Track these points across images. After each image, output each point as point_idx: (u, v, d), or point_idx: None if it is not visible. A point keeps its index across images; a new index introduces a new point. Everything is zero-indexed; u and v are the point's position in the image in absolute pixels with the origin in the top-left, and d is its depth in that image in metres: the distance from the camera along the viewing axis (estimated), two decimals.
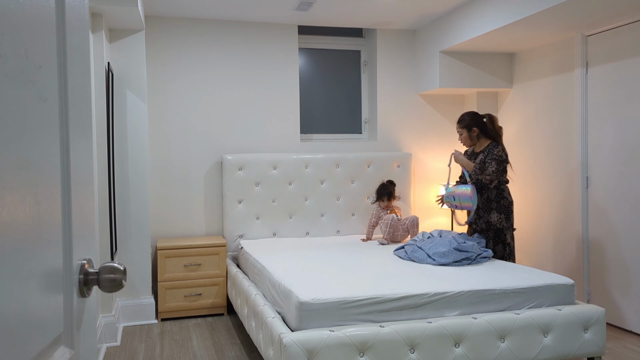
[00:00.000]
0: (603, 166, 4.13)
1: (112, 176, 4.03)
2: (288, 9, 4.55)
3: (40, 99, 0.79)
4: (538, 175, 4.79)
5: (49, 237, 0.82)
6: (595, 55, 4.18)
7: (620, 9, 3.59)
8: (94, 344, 1.10)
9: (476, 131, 3.86)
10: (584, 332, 2.96)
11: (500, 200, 3.76)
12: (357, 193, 5.05)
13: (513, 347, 2.81)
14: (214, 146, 4.87)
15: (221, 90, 4.88)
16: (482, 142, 3.89)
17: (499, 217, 3.74)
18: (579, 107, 4.31)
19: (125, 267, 1.05)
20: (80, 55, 1.03)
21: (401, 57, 5.32)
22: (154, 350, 3.71)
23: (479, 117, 3.89)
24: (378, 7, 4.51)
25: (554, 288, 3.04)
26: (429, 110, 5.40)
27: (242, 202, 4.78)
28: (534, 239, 4.84)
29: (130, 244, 4.27)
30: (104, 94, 3.74)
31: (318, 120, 5.35)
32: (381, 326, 2.65)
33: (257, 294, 3.37)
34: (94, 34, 3.69)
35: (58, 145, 0.88)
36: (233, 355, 3.60)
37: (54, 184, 0.85)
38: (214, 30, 4.85)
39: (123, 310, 4.26)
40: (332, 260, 3.65)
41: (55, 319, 0.84)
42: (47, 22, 0.83)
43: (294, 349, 2.48)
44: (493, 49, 4.86)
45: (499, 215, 3.75)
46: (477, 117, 3.88)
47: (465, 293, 2.88)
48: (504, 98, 5.23)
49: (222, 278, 4.47)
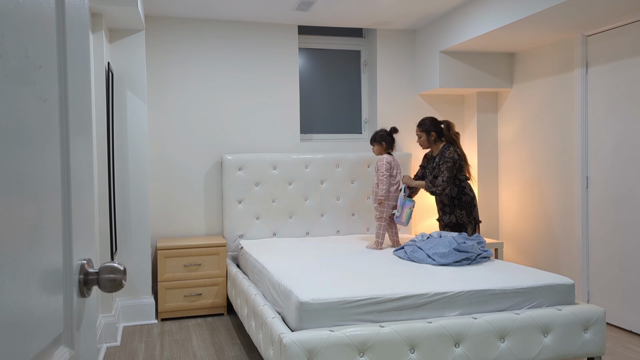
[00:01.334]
0: (603, 166, 4.13)
1: (112, 176, 4.03)
2: (288, 9, 4.55)
3: (40, 99, 0.79)
4: (538, 175, 4.79)
5: (49, 237, 0.82)
6: (595, 55, 4.18)
7: (620, 9, 3.59)
8: (94, 344, 1.10)
9: (434, 135, 4.19)
10: (584, 332, 2.96)
11: (461, 197, 4.07)
12: (357, 193, 5.05)
13: (513, 347, 2.81)
14: (214, 146, 4.87)
15: (221, 90, 4.88)
16: (438, 146, 4.20)
17: (461, 212, 4.07)
18: (579, 107, 4.31)
19: (125, 267, 1.05)
20: (80, 55, 1.03)
21: (401, 57, 5.32)
22: (154, 350, 3.71)
23: (437, 122, 4.21)
24: (378, 7, 4.51)
25: (553, 288, 3.04)
26: (429, 110, 5.40)
27: (242, 202, 4.78)
28: (534, 238, 4.84)
29: (130, 244, 4.27)
30: (104, 94, 3.74)
31: (318, 120, 5.35)
32: (381, 326, 2.65)
33: (257, 294, 3.37)
34: (94, 34, 3.69)
35: (58, 145, 0.88)
36: (233, 355, 3.60)
37: (54, 184, 0.85)
38: (214, 30, 4.85)
39: (123, 310, 4.26)
40: (332, 260, 3.65)
41: (55, 319, 0.84)
42: (47, 22, 0.83)
43: (294, 349, 2.48)
44: (493, 49, 4.86)
45: (461, 211, 4.07)
46: (435, 122, 4.21)
47: (465, 293, 2.88)
48: (504, 98, 5.23)
49: (222, 278, 4.47)
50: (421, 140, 4.23)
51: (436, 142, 4.19)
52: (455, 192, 4.07)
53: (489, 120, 5.29)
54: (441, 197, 4.14)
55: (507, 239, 5.21)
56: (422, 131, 4.20)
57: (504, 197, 5.25)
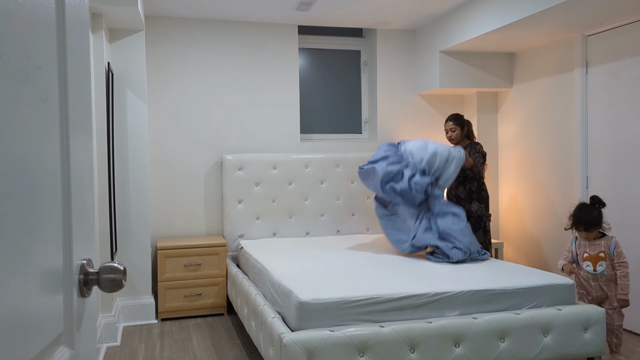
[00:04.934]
0: (603, 166, 4.13)
1: (112, 176, 4.03)
2: (288, 9, 4.55)
3: (40, 99, 0.79)
4: (538, 175, 4.79)
5: (49, 236, 0.82)
6: (595, 55, 4.18)
7: (620, 9, 3.59)
8: (94, 343, 1.10)
9: (466, 130, 4.31)
10: (584, 332, 2.96)
11: (480, 192, 4.21)
12: (357, 193, 5.05)
13: (513, 347, 2.81)
14: (214, 146, 4.87)
15: (221, 90, 4.88)
16: (464, 143, 4.32)
17: (480, 206, 4.20)
18: (579, 107, 4.31)
19: (125, 267, 1.05)
20: (80, 55, 1.03)
21: (401, 57, 5.32)
22: (154, 350, 3.71)
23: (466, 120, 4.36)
24: (378, 7, 4.51)
25: (554, 288, 3.04)
26: (429, 110, 5.40)
27: (242, 202, 4.78)
28: (534, 238, 4.84)
29: (130, 244, 4.27)
30: (104, 94, 3.74)
31: (318, 120, 5.35)
32: (381, 326, 2.65)
33: (257, 294, 3.37)
34: (94, 34, 3.69)
35: (58, 145, 0.88)
36: (233, 355, 3.60)
37: (54, 184, 0.85)
38: (214, 30, 4.85)
39: (123, 310, 4.26)
40: (332, 260, 3.65)
41: (55, 319, 0.84)
42: (47, 22, 0.83)
43: (294, 349, 2.48)
44: (493, 49, 4.86)
45: (480, 204, 4.20)
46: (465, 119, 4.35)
47: (465, 293, 2.88)
48: (504, 98, 5.23)
49: (222, 278, 4.47)
50: (455, 134, 4.26)
51: (463, 139, 4.31)
52: (475, 187, 4.20)
53: (489, 120, 5.29)
54: (457, 191, 4.24)
55: (507, 239, 5.20)
56: (457, 125, 4.25)
57: (504, 196, 5.25)
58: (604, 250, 3.24)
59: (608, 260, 3.23)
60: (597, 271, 3.25)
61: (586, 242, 3.31)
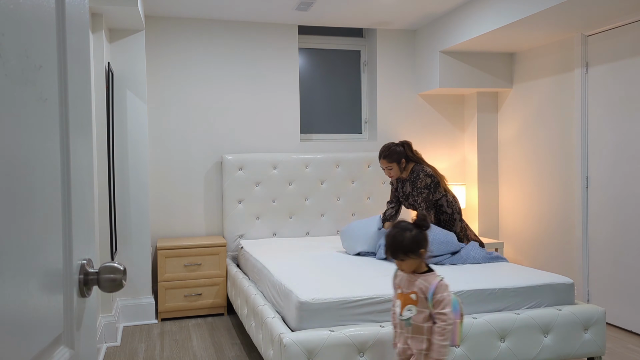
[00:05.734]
0: (603, 166, 4.13)
1: (112, 176, 4.03)
2: (288, 9, 4.56)
3: (40, 99, 0.79)
4: (538, 175, 4.79)
5: (49, 236, 0.82)
6: (595, 55, 4.18)
7: (620, 9, 3.59)
8: (94, 344, 1.10)
9: (404, 162, 3.81)
10: (584, 332, 2.96)
11: (439, 217, 3.82)
12: (357, 193, 5.05)
13: (513, 347, 2.81)
14: (214, 146, 4.87)
15: (221, 90, 4.88)
16: (408, 168, 3.86)
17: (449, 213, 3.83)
18: (578, 107, 4.31)
19: (125, 267, 1.05)
20: (80, 55, 1.03)
21: (401, 57, 5.32)
22: (154, 350, 3.71)
23: (398, 147, 3.82)
24: (378, 7, 4.51)
25: (553, 287, 3.04)
26: (429, 110, 5.40)
27: (242, 202, 4.78)
28: (534, 238, 4.84)
29: (130, 244, 4.27)
30: (104, 94, 3.75)
31: (318, 120, 5.35)
32: (381, 326, 2.65)
33: (257, 294, 3.37)
34: (94, 34, 3.69)
35: (58, 145, 0.88)
36: (233, 355, 3.60)
37: (54, 184, 0.85)
38: (214, 30, 4.85)
39: (123, 310, 4.26)
40: (332, 260, 3.65)
41: (55, 319, 0.84)
42: (47, 22, 0.83)
43: (293, 349, 2.48)
44: (493, 49, 4.86)
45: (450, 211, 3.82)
46: (397, 148, 3.81)
47: (465, 293, 2.88)
48: (504, 98, 5.23)
49: (222, 278, 4.47)
50: (393, 172, 3.82)
51: (406, 166, 3.85)
52: (458, 229, 3.81)
53: (489, 120, 5.29)
54: None
55: (507, 239, 5.21)
56: (392, 162, 3.78)
57: (504, 197, 5.26)
58: (416, 292, 2.22)
59: (421, 306, 2.21)
60: (402, 316, 2.26)
61: (403, 274, 2.32)
